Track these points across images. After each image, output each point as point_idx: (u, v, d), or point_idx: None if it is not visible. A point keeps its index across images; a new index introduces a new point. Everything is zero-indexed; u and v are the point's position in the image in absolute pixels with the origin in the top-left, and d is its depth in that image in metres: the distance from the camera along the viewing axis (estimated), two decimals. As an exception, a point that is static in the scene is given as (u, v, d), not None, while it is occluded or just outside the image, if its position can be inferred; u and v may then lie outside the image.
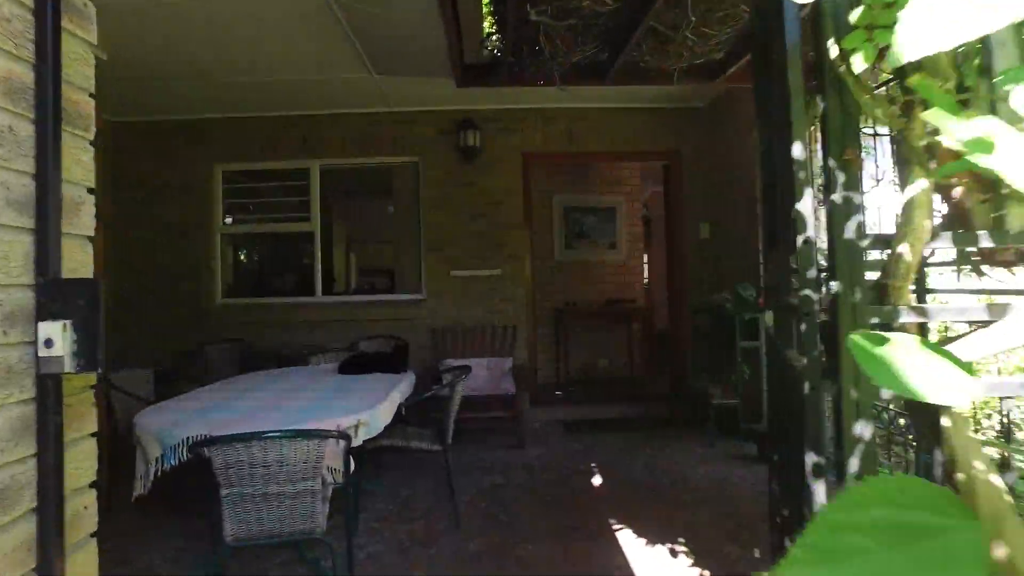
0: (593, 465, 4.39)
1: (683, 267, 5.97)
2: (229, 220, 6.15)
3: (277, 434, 2.08)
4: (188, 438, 2.43)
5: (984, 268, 1.34)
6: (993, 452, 2.73)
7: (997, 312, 1.17)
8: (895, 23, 0.64)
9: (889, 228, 2.40)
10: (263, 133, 5.87)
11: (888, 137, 2.40)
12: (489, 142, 5.85)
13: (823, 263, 1.39)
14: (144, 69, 4.64)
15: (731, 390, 4.86)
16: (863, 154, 1.35)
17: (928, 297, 1.79)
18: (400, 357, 3.94)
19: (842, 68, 1.21)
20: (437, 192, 5.84)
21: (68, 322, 1.08)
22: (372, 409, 2.79)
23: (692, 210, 5.93)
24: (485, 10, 4.21)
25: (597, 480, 4.08)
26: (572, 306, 7.42)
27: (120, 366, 3.95)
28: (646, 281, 8.76)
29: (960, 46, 0.98)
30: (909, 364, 0.61)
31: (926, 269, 1.72)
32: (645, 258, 8.63)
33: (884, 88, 1.64)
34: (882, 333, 0.66)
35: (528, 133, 5.89)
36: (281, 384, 3.47)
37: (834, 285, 1.26)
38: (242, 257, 8.18)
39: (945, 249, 1.26)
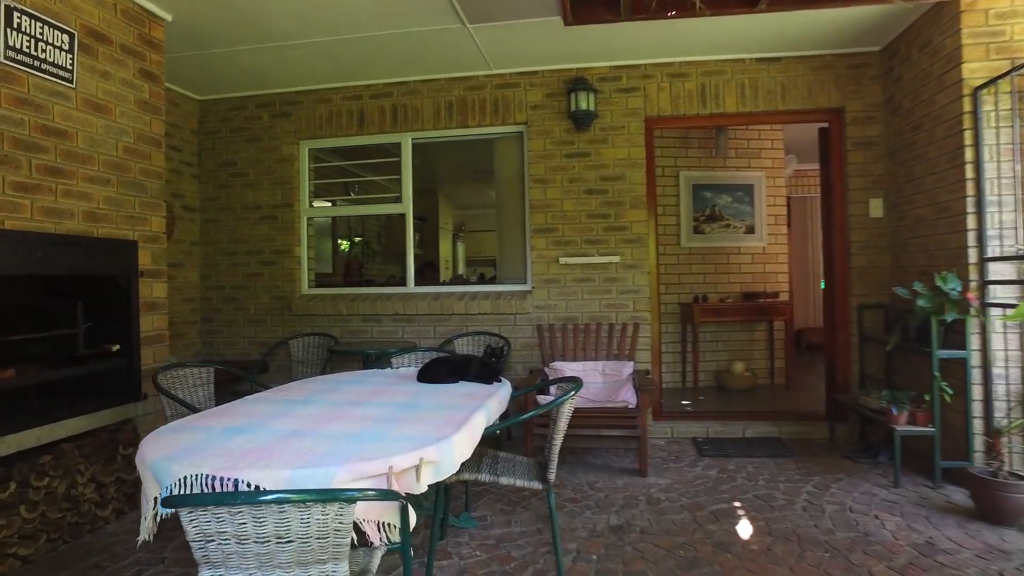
0: (737, 504, 3.40)
1: (844, 254, 4.76)
2: (316, 204, 5.67)
3: (272, 497, 1.34)
4: (185, 478, 1.77)
5: None
6: None
7: None
8: None
9: None
10: (350, 105, 5.31)
11: None
12: (605, 105, 4.94)
13: None
14: (223, 36, 4.18)
15: (922, 414, 3.66)
16: None
17: None
18: (493, 363, 3.15)
19: None
20: (544, 165, 5.01)
21: None
22: (444, 441, 2.01)
23: (859, 182, 4.70)
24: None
25: (745, 528, 3.09)
26: (702, 300, 6.36)
27: (178, 364, 3.46)
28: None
29: None
30: None
31: None
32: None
33: None
34: None
35: (652, 93, 4.91)
36: (343, 394, 2.79)
37: None
38: (333, 243, 7.82)
39: None
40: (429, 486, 2.01)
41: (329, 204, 6.26)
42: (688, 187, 6.58)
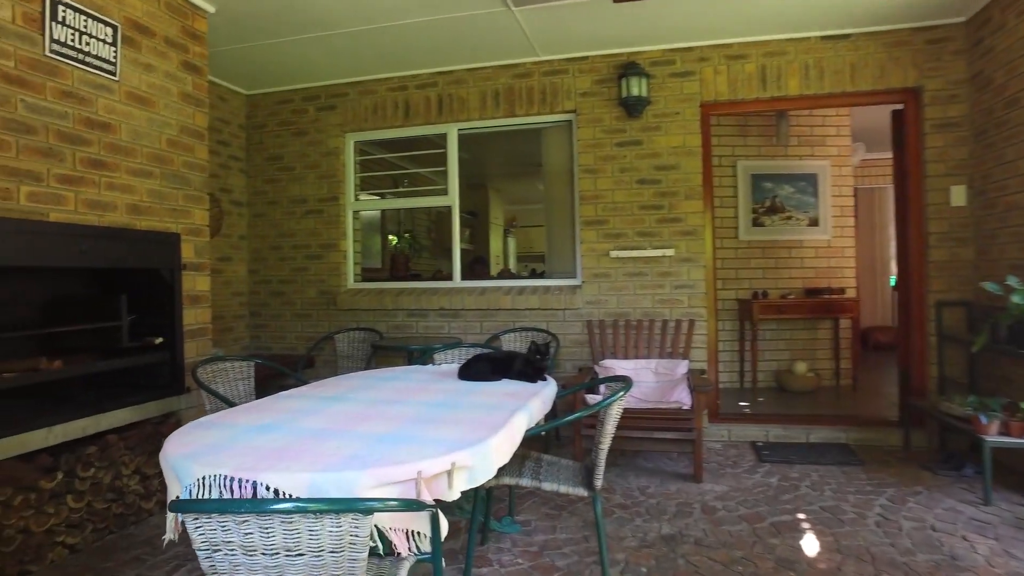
0: (801, 516, 3.13)
1: (920, 247, 4.38)
2: (362, 198, 5.63)
3: (279, 506, 1.21)
4: (204, 478, 1.68)
5: None
6: None
7: None
8: None
9: None
10: (395, 96, 5.23)
11: None
12: (658, 91, 4.70)
13: None
14: (267, 26, 4.15)
15: (1017, 424, 3.30)
16: None
17: None
18: (538, 360, 2.97)
19: None
20: (594, 155, 4.81)
21: None
22: (479, 445, 1.86)
23: (938, 168, 4.31)
24: None
25: (810, 543, 2.83)
26: (761, 296, 6.03)
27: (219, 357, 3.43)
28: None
29: None
30: None
31: None
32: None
33: None
34: None
35: (708, 77, 4.64)
36: (379, 391, 2.68)
37: None
38: (382, 237, 7.79)
39: None
40: (464, 492, 1.87)
41: (376, 198, 6.22)
42: (746, 177, 6.25)
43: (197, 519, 1.25)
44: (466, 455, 1.80)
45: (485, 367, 3.01)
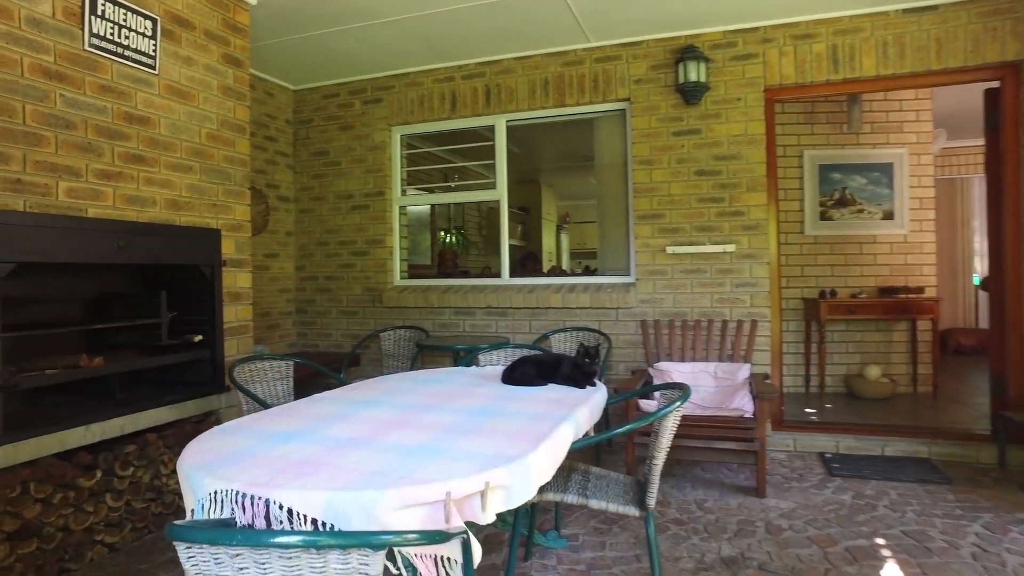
0: (880, 542, 2.81)
1: (1018, 241, 3.94)
2: (409, 192, 5.52)
3: (275, 540, 1.05)
4: (215, 492, 1.55)
5: None
6: None
7: None
8: None
9: None
10: (441, 88, 5.09)
11: None
12: (718, 76, 4.39)
13: None
14: (310, 18, 4.06)
15: None
16: None
17: None
18: (587, 365, 2.76)
19: None
20: (649, 145, 4.54)
21: None
22: (517, 462, 1.67)
23: (1039, 154, 3.87)
24: None
25: (893, 575, 2.53)
26: (829, 296, 5.62)
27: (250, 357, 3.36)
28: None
29: None
30: None
31: None
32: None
33: None
34: None
35: (772, 60, 4.30)
36: (416, 396, 2.53)
37: None
38: (432, 233, 7.69)
39: None
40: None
41: (422, 192, 6.12)
42: (813, 168, 5.84)
43: (189, 547, 1.11)
44: (502, 473, 1.62)
45: (530, 370, 2.82)
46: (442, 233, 7.86)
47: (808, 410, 5.05)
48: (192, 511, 1.64)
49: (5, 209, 2.47)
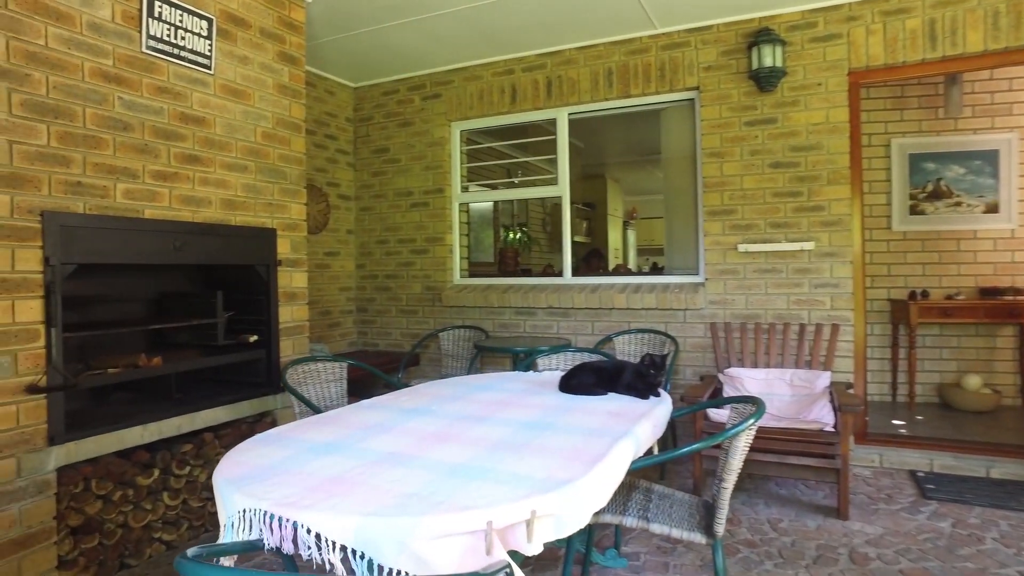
0: (986, 577, 2.49)
1: None
2: (471, 189, 5.43)
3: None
4: (244, 511, 1.47)
5: None
6: None
7: None
8: None
9: None
10: (501, 81, 4.96)
11: None
12: (796, 59, 4.06)
13: None
14: (366, 12, 4.01)
15: None
16: None
17: None
18: (652, 375, 2.56)
19: None
20: (719, 136, 4.26)
21: None
22: (568, 487, 1.52)
23: None
24: None
25: (1003, 616, 2.21)
26: (921, 297, 5.16)
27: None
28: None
29: None
30: None
31: None
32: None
33: None
34: None
35: (858, 39, 3.94)
36: (467, 404, 2.40)
37: None
38: (495, 231, 7.59)
39: None
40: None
41: (483, 189, 6.02)
42: (903, 157, 5.36)
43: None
44: (551, 500, 1.47)
45: (589, 378, 2.65)
46: (504, 230, 7.75)
47: (896, 422, 4.63)
48: (226, 526, 1.57)
49: (66, 212, 2.50)
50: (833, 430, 3.22)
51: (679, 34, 4.37)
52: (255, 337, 3.35)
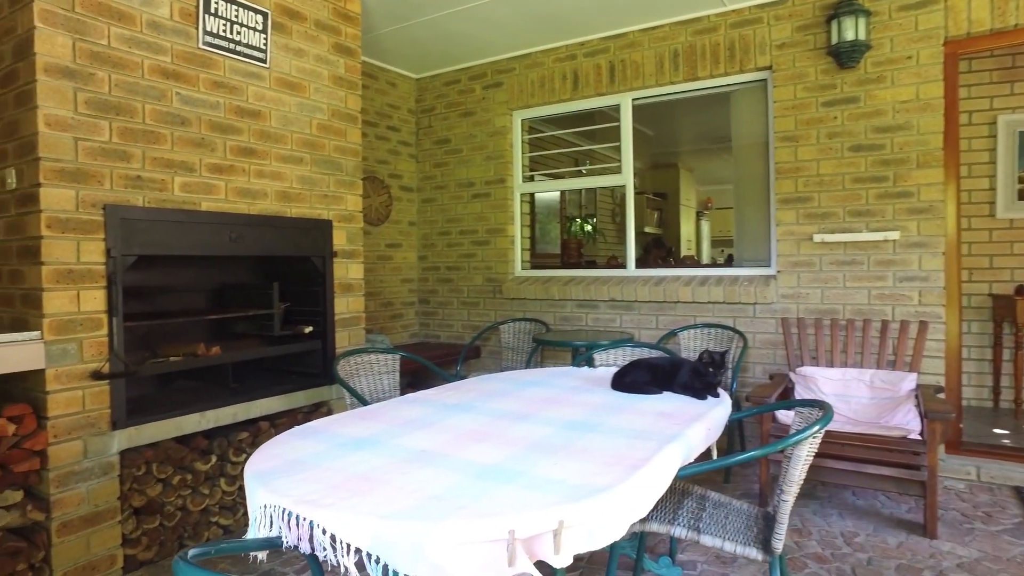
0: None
1: None
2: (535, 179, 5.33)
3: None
4: (266, 507, 1.44)
5: None
6: None
7: None
8: None
9: None
10: (563, 67, 4.82)
11: None
12: (882, 31, 3.72)
13: None
14: (418, 1, 3.98)
15: None
16: None
17: None
18: (710, 373, 2.39)
19: None
20: (794, 119, 3.97)
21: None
22: (602, 495, 1.41)
23: None
24: None
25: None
26: (1028, 291, 4.66)
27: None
28: None
29: None
30: None
31: None
32: None
33: None
34: None
35: (958, 4, 3.56)
36: (512, 401, 2.32)
37: None
38: (561, 221, 7.45)
39: None
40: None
41: (548, 179, 5.90)
42: (1011, 136, 4.84)
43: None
44: (583, 509, 1.37)
45: (643, 376, 2.51)
46: (568, 221, 7.61)
47: (998, 431, 4.21)
48: (251, 522, 1.56)
49: (127, 205, 2.59)
50: (919, 438, 2.94)
51: (750, 10, 4.09)
52: (311, 328, 3.39)
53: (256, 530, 1.48)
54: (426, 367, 3.32)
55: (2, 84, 2.52)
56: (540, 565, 1.33)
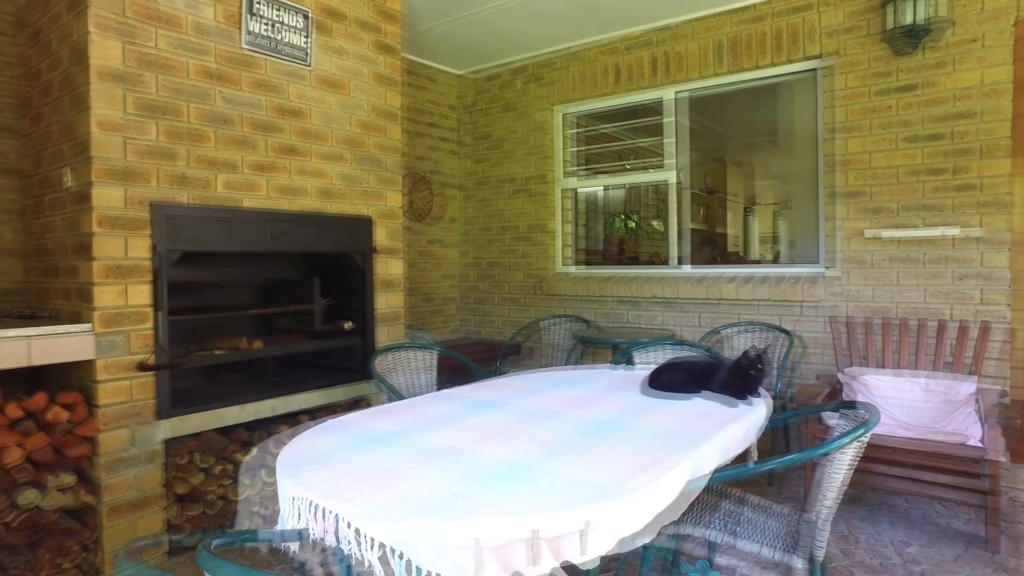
0: None
1: None
2: (577, 174, 5.27)
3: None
4: (294, 499, 1.45)
5: None
6: None
7: None
8: None
9: None
10: (605, 61, 4.75)
11: None
12: (945, 12, 3.52)
13: None
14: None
15: None
16: None
17: None
18: (752, 374, 2.31)
19: None
20: (846, 109, 3.80)
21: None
22: (628, 496, 1.38)
23: None
24: None
25: None
26: (1105, 290, 4.34)
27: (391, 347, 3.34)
28: None
29: None
30: None
31: None
32: None
33: None
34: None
35: (1029, -15, 3.34)
36: (542, 399, 2.29)
37: None
38: (604, 218, 7.35)
39: None
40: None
41: (591, 174, 5.84)
42: (1087, 126, 4.53)
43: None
44: (609, 509, 1.34)
45: (679, 376, 2.45)
46: (611, 217, 7.51)
47: (1066, 437, 3.95)
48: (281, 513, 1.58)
49: (172, 203, 2.67)
50: (979, 445, 2.78)
51: (800, -3, 3.94)
52: (351, 324, 3.43)
53: (285, 521, 1.50)
54: (466, 365, 3.34)
55: (60, 87, 2.64)
56: (569, 568, 1.31)
